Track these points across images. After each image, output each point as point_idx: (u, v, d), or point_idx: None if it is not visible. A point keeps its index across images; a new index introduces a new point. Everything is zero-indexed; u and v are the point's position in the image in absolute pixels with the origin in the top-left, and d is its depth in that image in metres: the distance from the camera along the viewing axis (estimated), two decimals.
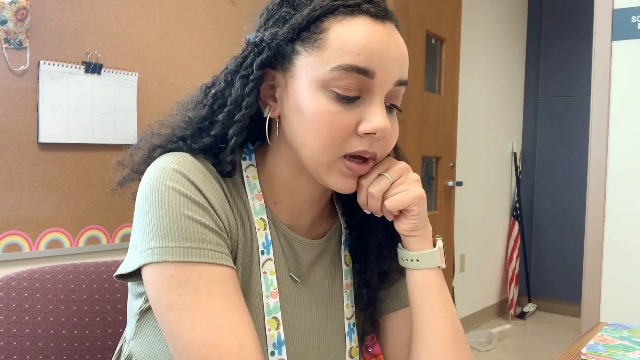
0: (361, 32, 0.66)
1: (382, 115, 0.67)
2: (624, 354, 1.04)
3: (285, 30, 0.68)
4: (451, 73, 3.13)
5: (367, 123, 0.67)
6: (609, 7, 2.27)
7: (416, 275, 0.74)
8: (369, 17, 0.67)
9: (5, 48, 1.57)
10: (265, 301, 0.72)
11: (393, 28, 0.70)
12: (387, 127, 0.67)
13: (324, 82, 0.66)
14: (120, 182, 0.77)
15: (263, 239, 0.73)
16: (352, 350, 0.80)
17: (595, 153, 2.33)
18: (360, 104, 0.68)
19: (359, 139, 0.68)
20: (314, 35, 0.67)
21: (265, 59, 0.69)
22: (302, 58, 0.68)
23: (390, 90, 0.69)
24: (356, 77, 0.66)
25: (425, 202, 0.74)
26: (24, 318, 0.87)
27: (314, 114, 0.67)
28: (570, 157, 4.25)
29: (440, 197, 3.09)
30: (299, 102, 0.68)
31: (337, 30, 0.66)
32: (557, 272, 4.35)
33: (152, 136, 0.74)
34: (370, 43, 0.66)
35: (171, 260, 0.63)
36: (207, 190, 0.67)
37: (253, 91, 0.70)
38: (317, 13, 0.67)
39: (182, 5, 1.97)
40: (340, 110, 0.66)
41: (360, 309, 0.82)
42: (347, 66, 0.65)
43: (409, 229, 0.73)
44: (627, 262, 2.28)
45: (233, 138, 0.69)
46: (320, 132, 0.67)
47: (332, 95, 0.66)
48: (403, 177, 0.73)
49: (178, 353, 0.64)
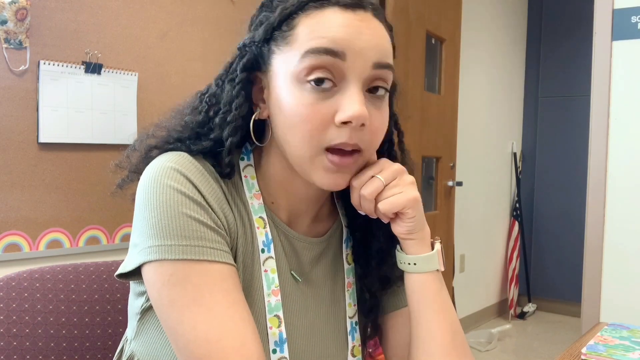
0: (327, 20, 0.66)
1: (358, 102, 0.65)
2: (624, 354, 1.04)
3: (261, 32, 0.70)
4: (451, 73, 3.13)
5: (342, 112, 0.65)
6: (609, 7, 2.27)
7: (414, 278, 0.74)
8: (338, 7, 0.67)
9: (5, 48, 1.57)
10: (266, 299, 0.72)
11: (367, 16, 0.68)
12: (361, 114, 0.65)
13: (296, 75, 0.66)
14: (120, 185, 0.77)
15: (263, 237, 0.73)
16: (354, 349, 0.80)
17: (595, 153, 2.33)
18: (336, 93, 0.66)
19: (338, 129, 0.66)
20: (285, 33, 0.68)
21: (247, 62, 0.71)
22: (276, 57, 0.69)
23: (370, 74, 0.67)
24: (325, 59, 0.65)
25: (420, 205, 0.73)
26: (24, 318, 0.87)
27: (291, 108, 0.67)
28: (570, 157, 4.25)
29: (440, 197, 3.09)
30: (279, 99, 0.69)
31: (306, 23, 0.67)
32: (557, 272, 4.35)
33: (148, 138, 0.75)
34: (338, 27, 0.66)
35: (171, 258, 0.63)
36: (205, 189, 0.67)
37: (241, 93, 0.71)
38: (287, 11, 0.68)
39: (182, 5, 1.97)
40: (315, 101, 0.66)
41: (363, 313, 0.82)
42: (313, 49, 0.65)
43: (405, 232, 0.73)
44: (627, 262, 2.28)
45: (228, 139, 0.70)
46: (298, 126, 0.67)
47: (307, 87, 0.66)
48: (397, 179, 0.72)
49: (180, 350, 0.64)
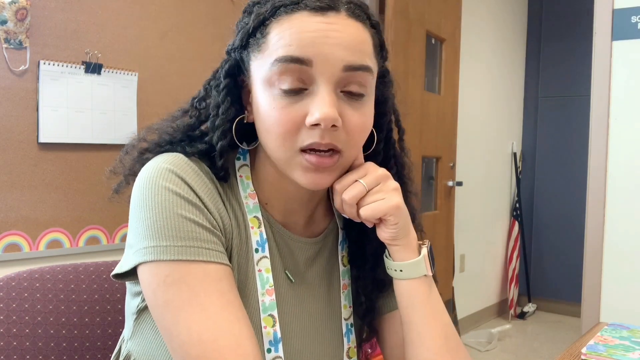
0: (294, 25, 0.66)
1: (326, 104, 0.65)
2: (624, 354, 1.04)
3: (238, 39, 0.71)
4: (451, 73, 3.14)
5: (310, 114, 0.66)
6: (609, 7, 2.27)
7: (402, 285, 0.74)
8: (307, 11, 0.67)
9: (5, 48, 1.57)
10: (260, 299, 0.72)
11: (339, 17, 0.67)
12: (329, 116, 0.64)
13: (268, 80, 0.67)
14: (116, 190, 0.78)
15: (257, 237, 0.73)
16: (349, 350, 0.80)
17: (595, 153, 2.33)
18: (306, 96, 0.67)
19: (309, 131, 0.66)
20: (259, 40, 0.69)
21: (229, 69, 0.73)
22: (253, 63, 0.70)
23: (341, 76, 0.67)
24: (293, 67, 0.66)
25: (403, 212, 0.72)
26: (24, 318, 0.87)
27: (265, 112, 0.68)
28: (570, 157, 4.25)
29: (440, 197, 3.09)
30: (257, 104, 0.70)
31: (276, 30, 0.67)
32: (557, 272, 4.35)
33: (140, 141, 0.76)
34: (302, 33, 0.66)
35: (166, 259, 0.64)
36: (200, 189, 0.68)
37: (226, 98, 0.72)
38: (260, 18, 0.68)
39: (182, 5, 1.97)
40: (285, 105, 0.66)
41: (358, 316, 0.82)
42: (281, 58, 0.66)
43: (389, 238, 0.72)
44: (627, 262, 2.28)
45: (218, 143, 0.71)
46: (271, 130, 0.68)
47: (277, 92, 0.67)
48: (380, 185, 0.71)
49: (175, 351, 0.64)
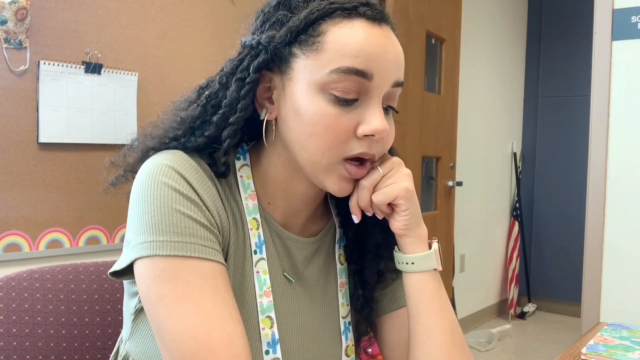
0: (359, 34, 0.67)
1: (380, 117, 0.68)
2: (624, 354, 1.04)
3: (283, 33, 0.68)
4: (451, 73, 3.13)
5: (366, 125, 0.68)
6: (609, 7, 2.27)
7: (412, 278, 0.74)
8: (365, 19, 0.68)
9: (5, 48, 1.57)
10: (258, 300, 0.72)
11: (389, 30, 0.70)
12: (385, 128, 0.68)
13: (322, 85, 0.67)
14: (113, 182, 0.77)
15: (256, 238, 0.73)
16: (348, 349, 0.80)
17: (595, 153, 2.33)
18: (358, 106, 0.68)
19: (358, 141, 0.68)
20: (312, 38, 0.67)
21: (262, 62, 0.69)
22: (299, 61, 0.68)
23: (388, 91, 0.70)
24: (355, 79, 0.66)
25: (414, 198, 0.73)
26: (24, 318, 0.87)
27: (313, 116, 0.67)
28: (570, 157, 4.25)
29: (440, 197, 3.09)
30: (298, 104, 0.68)
31: (335, 33, 0.67)
32: (557, 272, 4.35)
33: (145, 138, 0.75)
34: (368, 45, 0.67)
35: (162, 254, 0.63)
36: (199, 187, 0.67)
37: (249, 94, 0.70)
38: (314, 16, 0.67)
39: (182, 5, 1.97)
40: (338, 112, 0.67)
41: (356, 310, 0.83)
42: (345, 69, 0.66)
43: (402, 227, 0.73)
44: (627, 262, 2.28)
45: (227, 140, 0.70)
46: (320, 135, 0.67)
47: (331, 97, 0.67)
48: (394, 170, 0.73)
49: (166, 346, 0.63)
